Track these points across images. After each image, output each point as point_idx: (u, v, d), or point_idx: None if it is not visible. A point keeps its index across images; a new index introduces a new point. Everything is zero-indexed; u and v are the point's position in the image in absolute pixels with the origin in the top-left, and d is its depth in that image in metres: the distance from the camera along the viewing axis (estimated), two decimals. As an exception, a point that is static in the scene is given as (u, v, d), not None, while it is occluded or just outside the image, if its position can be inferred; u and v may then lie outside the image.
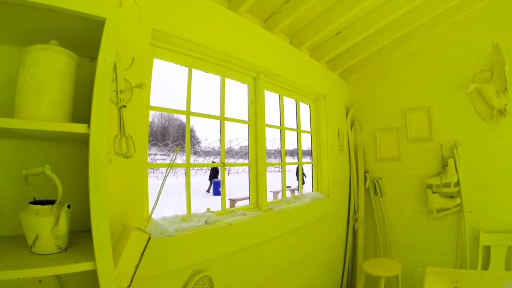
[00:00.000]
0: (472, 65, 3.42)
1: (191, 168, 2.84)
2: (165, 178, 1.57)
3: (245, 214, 2.31)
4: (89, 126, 1.09)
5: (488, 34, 3.32)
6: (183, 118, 2.12)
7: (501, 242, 3.15)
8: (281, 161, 3.14)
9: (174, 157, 1.66)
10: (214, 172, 16.47)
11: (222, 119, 2.39)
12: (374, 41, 3.56)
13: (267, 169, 2.76)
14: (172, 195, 11.67)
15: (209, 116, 2.29)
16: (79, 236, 1.33)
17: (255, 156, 2.67)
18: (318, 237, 3.30)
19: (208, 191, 16.28)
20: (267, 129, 2.75)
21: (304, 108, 3.68)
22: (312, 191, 3.59)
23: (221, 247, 2.01)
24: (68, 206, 1.15)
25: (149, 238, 1.27)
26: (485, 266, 3.19)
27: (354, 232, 4.09)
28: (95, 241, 1.06)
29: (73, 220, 1.24)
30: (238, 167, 30.60)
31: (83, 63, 1.31)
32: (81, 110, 1.21)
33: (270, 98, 3.00)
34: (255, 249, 2.29)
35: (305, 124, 3.70)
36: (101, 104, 1.12)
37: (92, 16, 1.12)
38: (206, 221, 2.03)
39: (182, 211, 2.15)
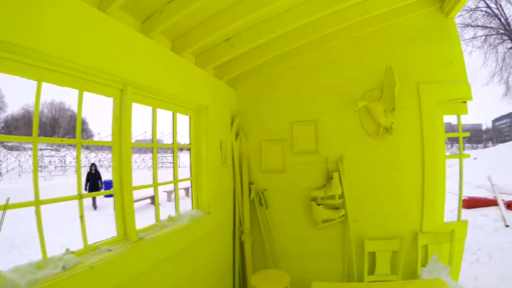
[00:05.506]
0: (363, 83, 3.76)
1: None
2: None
3: (110, 250, 2.10)
4: None
5: (382, 55, 3.68)
6: (75, 108, 1.81)
7: (385, 248, 3.58)
8: (153, 182, 2.88)
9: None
10: (93, 178, 12.34)
11: (78, 142, 2.09)
12: (266, 50, 3.63)
13: (161, 164, 2.48)
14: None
15: (62, 141, 2.01)
16: None
17: (120, 182, 2.37)
18: (201, 257, 3.23)
19: (94, 207, 12.55)
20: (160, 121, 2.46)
21: (183, 119, 3.52)
22: (192, 208, 3.48)
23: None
24: None
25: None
26: (371, 271, 3.60)
27: (242, 244, 4.15)
28: None
29: None
30: (137, 159, 28.93)
31: None
32: None
33: (143, 110, 2.77)
34: (124, 288, 2.11)
35: (185, 135, 3.58)
36: None
37: None
38: (63, 266, 1.79)
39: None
